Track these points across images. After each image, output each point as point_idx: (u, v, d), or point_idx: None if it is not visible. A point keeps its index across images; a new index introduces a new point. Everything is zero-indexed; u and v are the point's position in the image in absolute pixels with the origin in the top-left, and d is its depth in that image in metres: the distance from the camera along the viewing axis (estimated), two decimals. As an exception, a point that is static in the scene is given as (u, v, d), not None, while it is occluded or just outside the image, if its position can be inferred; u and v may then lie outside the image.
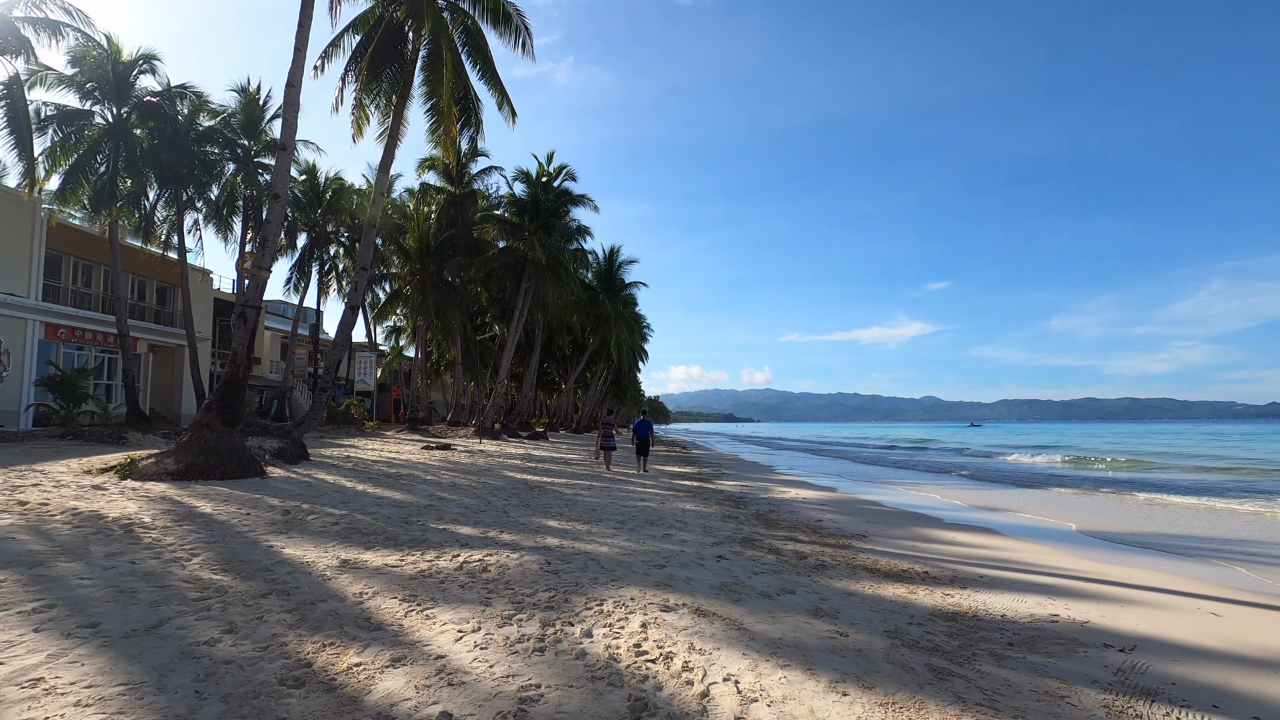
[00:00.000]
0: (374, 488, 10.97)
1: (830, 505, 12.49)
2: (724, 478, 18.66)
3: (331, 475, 12.15)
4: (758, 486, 16.02)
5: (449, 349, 39.19)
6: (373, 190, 15.69)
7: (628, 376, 73.28)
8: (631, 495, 12.38)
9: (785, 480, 18.77)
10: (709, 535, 8.28)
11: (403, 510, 8.89)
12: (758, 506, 11.84)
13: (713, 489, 14.96)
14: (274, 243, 12.06)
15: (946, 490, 16.99)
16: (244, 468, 11.13)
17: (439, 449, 22.96)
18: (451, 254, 35.00)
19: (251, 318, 11.81)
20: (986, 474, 23.11)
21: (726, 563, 6.56)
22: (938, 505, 13.38)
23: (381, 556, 6.04)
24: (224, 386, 11.53)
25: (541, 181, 33.77)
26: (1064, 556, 8.08)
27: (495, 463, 18.31)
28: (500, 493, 11.51)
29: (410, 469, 14.47)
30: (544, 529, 8.03)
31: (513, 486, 12.63)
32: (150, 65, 24.07)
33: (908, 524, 10.33)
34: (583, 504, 10.64)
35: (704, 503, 11.91)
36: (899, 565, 6.93)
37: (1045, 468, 26.42)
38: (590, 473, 17.21)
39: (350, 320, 15.31)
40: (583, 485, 13.62)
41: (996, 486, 18.49)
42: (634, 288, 46.51)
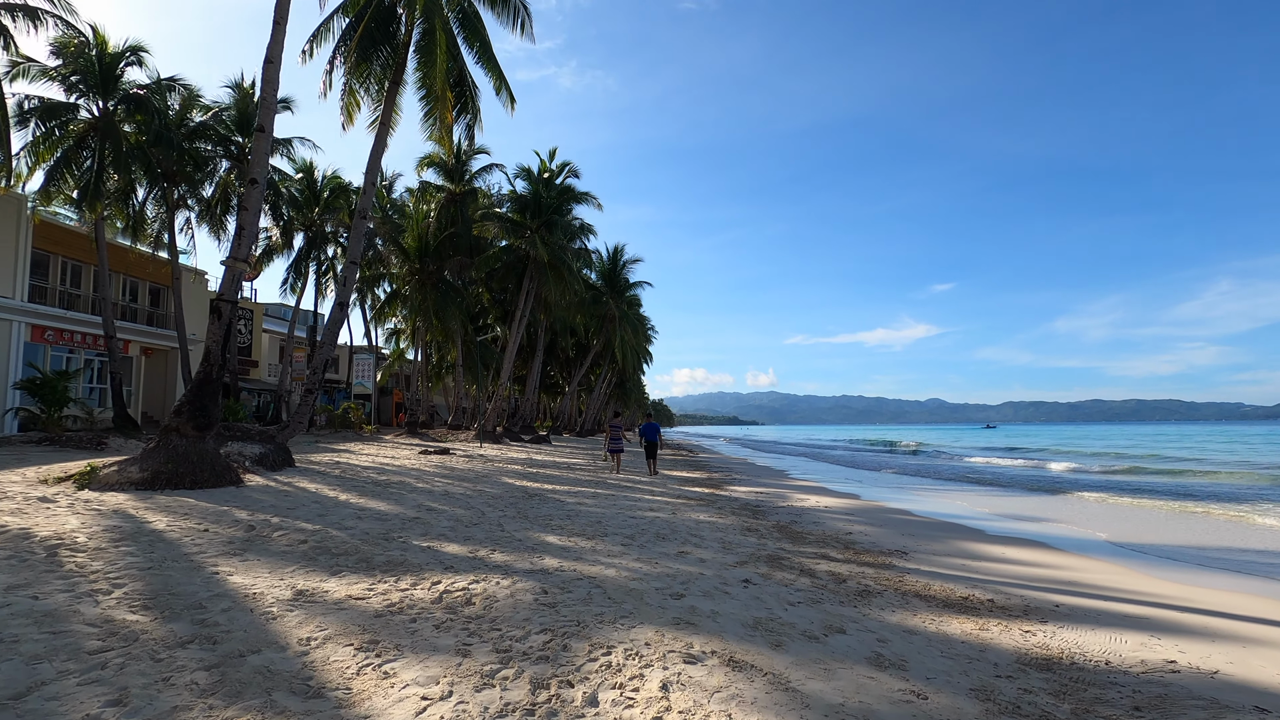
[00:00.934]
0: (358, 497, 10.02)
1: (857, 514, 11.48)
2: (736, 483, 17.66)
3: (314, 483, 11.20)
4: (774, 493, 15.01)
5: (450, 351, 38.29)
6: (365, 187, 14.76)
7: (632, 379, 72.31)
8: (639, 504, 11.40)
9: (802, 486, 17.74)
10: (730, 553, 7.29)
11: (385, 524, 7.93)
12: (778, 517, 10.83)
13: (726, 496, 13.97)
14: (251, 231, 11.15)
15: (975, 497, 15.95)
16: (217, 476, 10.19)
17: (437, 454, 22.05)
18: (451, 253, 34.09)
19: (226, 313, 10.88)
20: (1010, 479, 22.01)
21: (755, 589, 5.58)
22: (970, 514, 12.36)
23: (347, 584, 5.07)
24: (196, 387, 10.60)
25: (543, 178, 32.86)
26: (1136, 576, 7.07)
27: (494, 468, 17.35)
28: (496, 502, 10.54)
29: (402, 476, 13.52)
30: (542, 546, 7.06)
31: (511, 495, 11.66)
32: (138, 57, 23.24)
33: (946, 536, 9.32)
34: (586, 515, 9.66)
35: (719, 513, 10.92)
36: (956, 591, 5.93)
37: (1070, 475, 25.32)
38: (595, 479, 16.24)
39: (339, 318, 14.38)
40: (586, 493, 12.65)
41: (1023, 493, 17.45)
42: (638, 288, 45.57)
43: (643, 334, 55.78)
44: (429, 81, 15.01)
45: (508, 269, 34.96)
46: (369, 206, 14.92)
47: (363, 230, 14.74)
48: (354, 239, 14.69)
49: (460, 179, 36.00)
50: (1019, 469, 28.29)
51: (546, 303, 36.02)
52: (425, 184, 36.78)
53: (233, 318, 11.00)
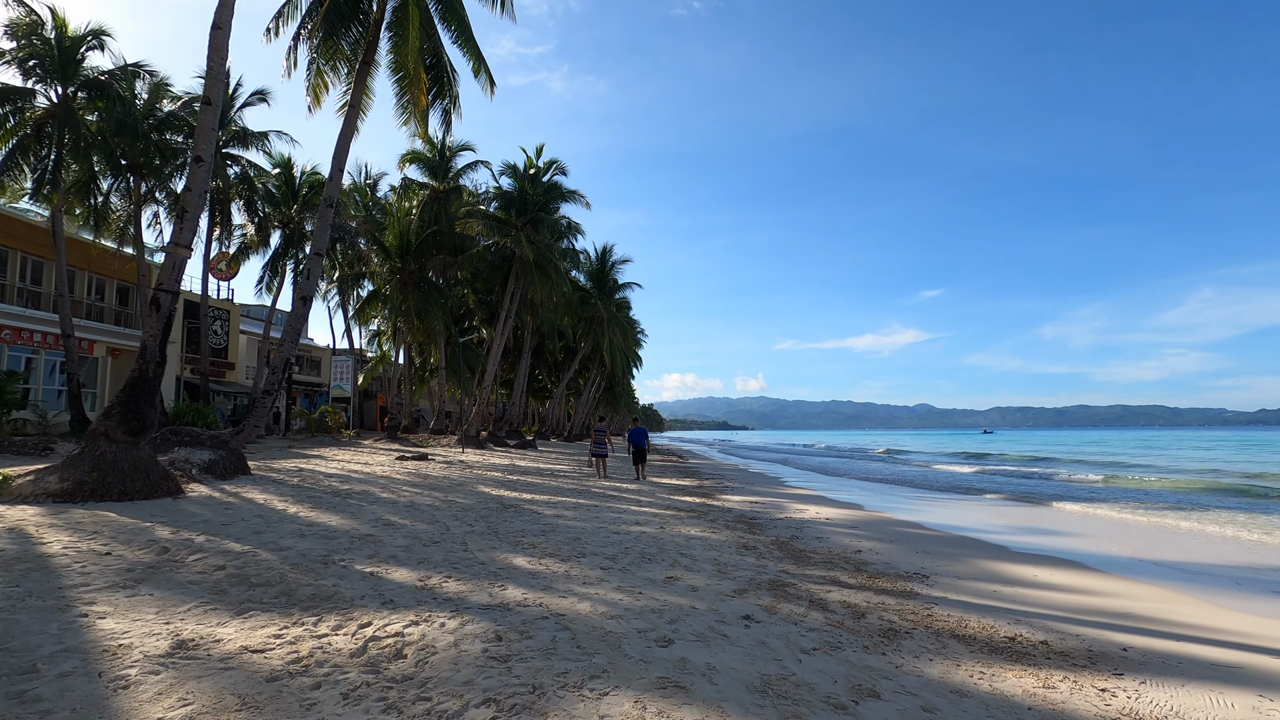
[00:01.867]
0: (309, 510, 8.94)
1: (862, 528, 10.52)
2: (729, 492, 16.67)
3: (265, 493, 10.12)
4: (770, 503, 14.03)
5: (432, 353, 37.12)
6: (332, 174, 13.70)
7: (621, 383, 71.27)
8: (624, 517, 10.38)
9: (799, 495, 16.77)
10: (725, 577, 6.30)
11: (329, 543, 6.88)
12: (776, 531, 9.85)
13: (718, 507, 12.97)
14: (195, 215, 10.07)
15: (984, 507, 15.05)
16: (151, 486, 9.09)
17: (414, 460, 20.94)
18: (434, 252, 32.99)
19: (166, 304, 9.80)
20: (1017, 488, 21.13)
21: (758, 629, 4.59)
22: (985, 527, 11.41)
23: (249, 629, 4.04)
24: (129, 387, 9.49)
25: (529, 174, 31.84)
26: (1196, 604, 6.14)
27: (472, 475, 16.28)
28: (466, 515, 9.50)
29: (369, 484, 12.44)
30: (507, 571, 6.03)
31: (484, 506, 10.61)
32: (100, 41, 22.05)
33: (967, 554, 8.36)
34: (564, 530, 8.64)
35: (711, 526, 9.93)
36: (999, 629, 4.96)
37: (1072, 484, 24.54)
38: (578, 486, 15.21)
39: (301, 313, 13.29)
40: (568, 503, 11.61)
41: (1032, 503, 16.57)
42: (627, 289, 44.57)
43: (632, 337, 54.80)
44: (401, 60, 13.99)
45: (492, 268, 33.87)
46: (336, 194, 13.86)
47: (329, 220, 13.68)
48: (319, 229, 13.62)
49: (444, 176, 34.93)
50: (1020, 475, 27.48)
51: (533, 304, 34.96)
52: (408, 181, 35.69)
53: (173, 309, 9.91)
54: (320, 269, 13.62)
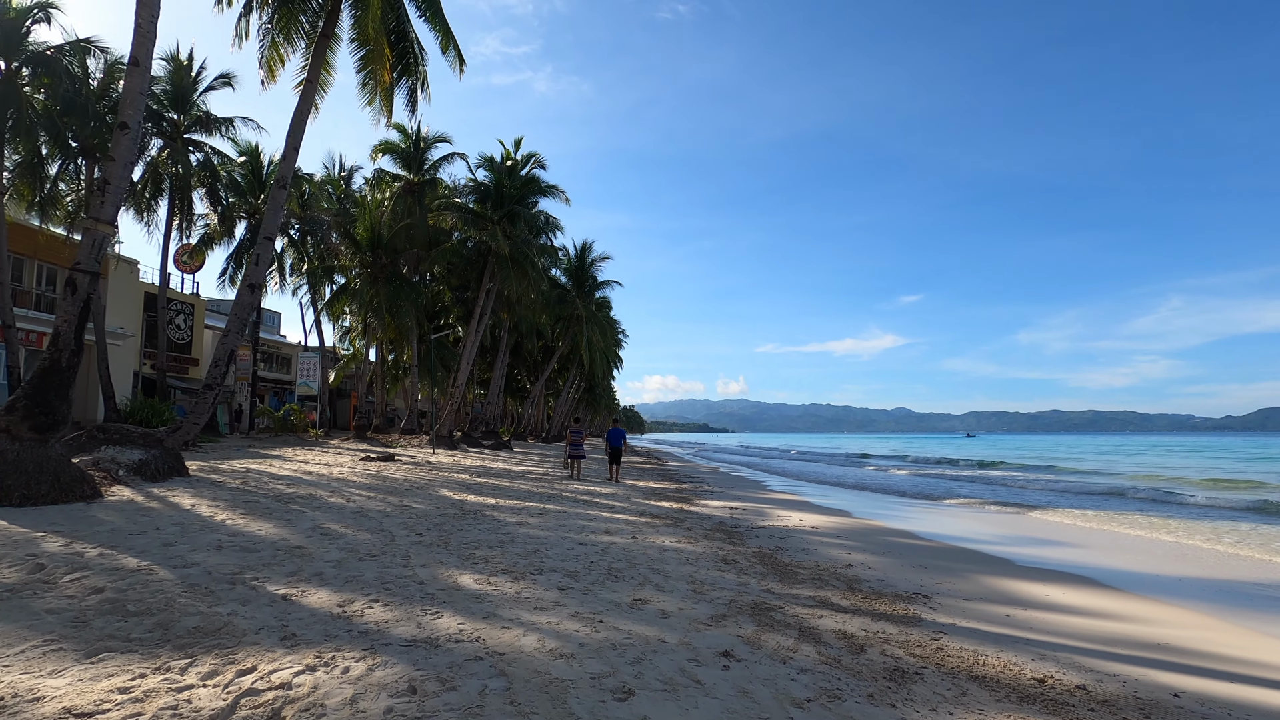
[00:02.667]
0: (240, 517, 7.99)
1: (851, 538, 9.76)
2: (708, 496, 15.87)
3: (196, 498, 9.12)
4: (751, 509, 13.26)
5: (405, 350, 35.93)
6: (286, 152, 12.71)
7: (601, 384, 70.37)
8: (594, 525, 9.54)
9: (782, 500, 16.02)
10: (702, 599, 5.49)
11: (248, 557, 5.95)
12: (759, 541, 9.06)
13: (696, 513, 12.17)
14: (118, 187, 9.05)
15: (979, 516, 14.39)
16: (61, 489, 8.08)
17: (380, 461, 19.91)
18: (407, 245, 31.87)
19: (83, 287, 8.77)
20: (1008, 494, 20.52)
21: (741, 670, 3.78)
22: (980, 536, 10.71)
23: (90, 679, 3.14)
24: (37, 379, 8.46)
25: (506, 166, 30.87)
26: (1237, 631, 5.45)
27: (437, 478, 15.33)
28: (418, 523, 8.59)
29: (319, 487, 11.46)
30: (447, 593, 5.17)
31: (440, 512, 9.71)
32: (46, 14, 20.74)
33: (968, 569, 7.63)
34: (524, 540, 7.78)
35: (688, 535, 9.12)
36: (1023, 666, 4.19)
37: (1071, 492, 24.13)
38: (549, 490, 14.32)
39: (248, 302, 12.26)
40: (534, 509, 10.74)
41: (1022, 508, 16.01)
42: (607, 287, 43.70)
43: (612, 337, 53.95)
44: (363, 33, 13.06)
45: (467, 264, 32.86)
46: (289, 175, 12.86)
47: (281, 202, 12.68)
48: (270, 211, 12.61)
49: (419, 168, 33.81)
50: (1008, 481, 27.04)
51: (509, 301, 33.95)
52: (380, 172, 34.49)
53: (91, 291, 8.89)
54: (271, 255, 12.63)
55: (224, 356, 11.79)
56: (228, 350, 11.86)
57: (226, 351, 11.85)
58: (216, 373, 11.74)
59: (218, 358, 11.78)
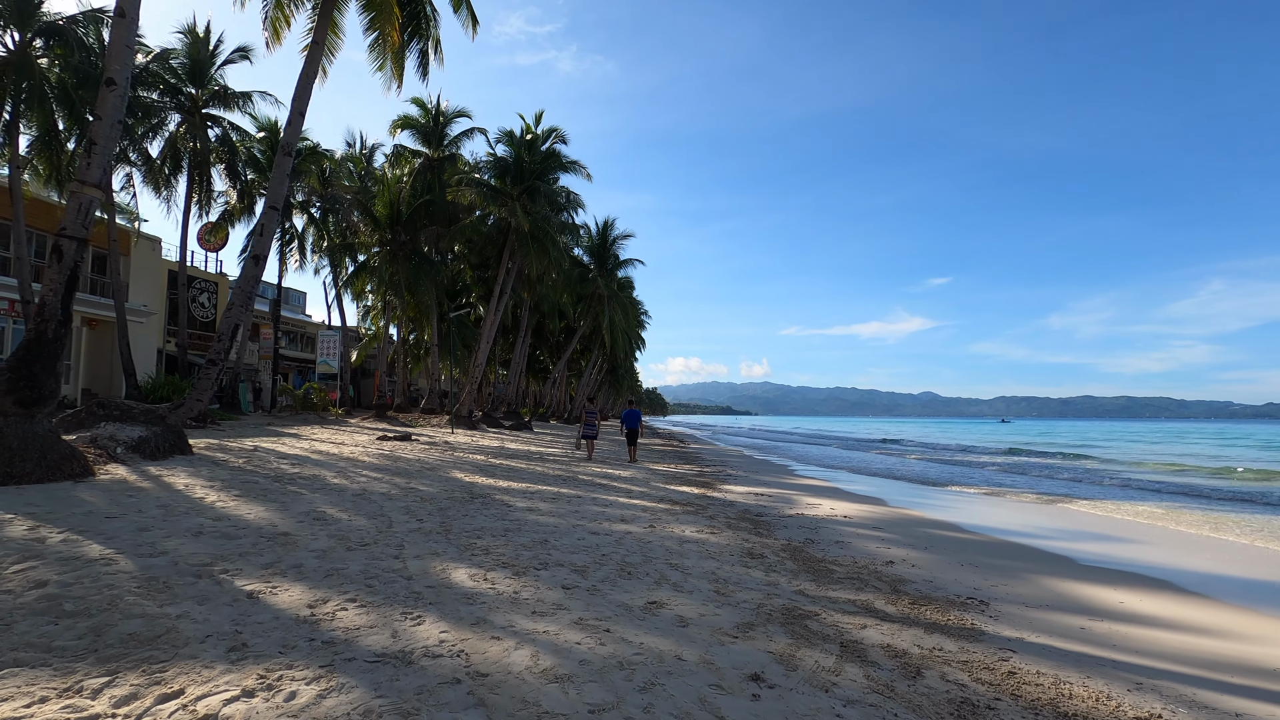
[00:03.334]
0: (232, 499, 7.49)
1: (888, 529, 9.00)
2: (731, 481, 15.17)
3: (191, 478, 8.67)
4: (777, 496, 12.52)
5: (425, 328, 35.61)
6: (291, 117, 12.12)
7: (624, 365, 69.83)
8: (609, 511, 8.90)
9: (810, 486, 15.24)
10: (726, 602, 4.81)
11: (226, 545, 5.41)
12: (788, 532, 8.34)
13: (719, 499, 11.48)
14: (105, 147, 8.52)
15: (1026, 507, 13.46)
16: (48, 467, 7.66)
17: (396, 440, 19.58)
18: (426, 222, 31.36)
19: (70, 253, 8.29)
20: (1052, 484, 19.41)
21: (774, 701, 3.10)
22: (1034, 530, 9.79)
23: (-25, 707, 2.57)
24: (22, 350, 8.02)
25: (526, 140, 30.06)
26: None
27: (451, 458, 14.85)
28: (421, 507, 8.03)
29: (324, 468, 10.99)
30: (436, 592, 4.55)
31: (447, 496, 9.15)
32: (59, -17, 20.39)
33: (1025, 569, 6.83)
34: (532, 528, 7.16)
35: (710, 524, 8.43)
36: (1120, 700, 3.45)
37: (1121, 480, 22.97)
38: (565, 473, 13.74)
39: (252, 274, 11.77)
40: (547, 494, 10.14)
41: (1077, 501, 15.05)
42: (630, 266, 42.82)
43: (634, 317, 53.19)
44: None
45: (487, 241, 32.25)
46: (295, 141, 12.28)
47: (286, 170, 12.11)
48: (275, 180, 12.06)
49: (438, 143, 33.22)
50: (1049, 468, 25.85)
51: (530, 279, 33.36)
52: (400, 148, 33.97)
53: (80, 259, 8.40)
54: (276, 224, 12.09)
55: (229, 331, 11.34)
56: (232, 325, 11.40)
57: (231, 326, 11.38)
58: (221, 348, 11.29)
59: (222, 332, 11.33)
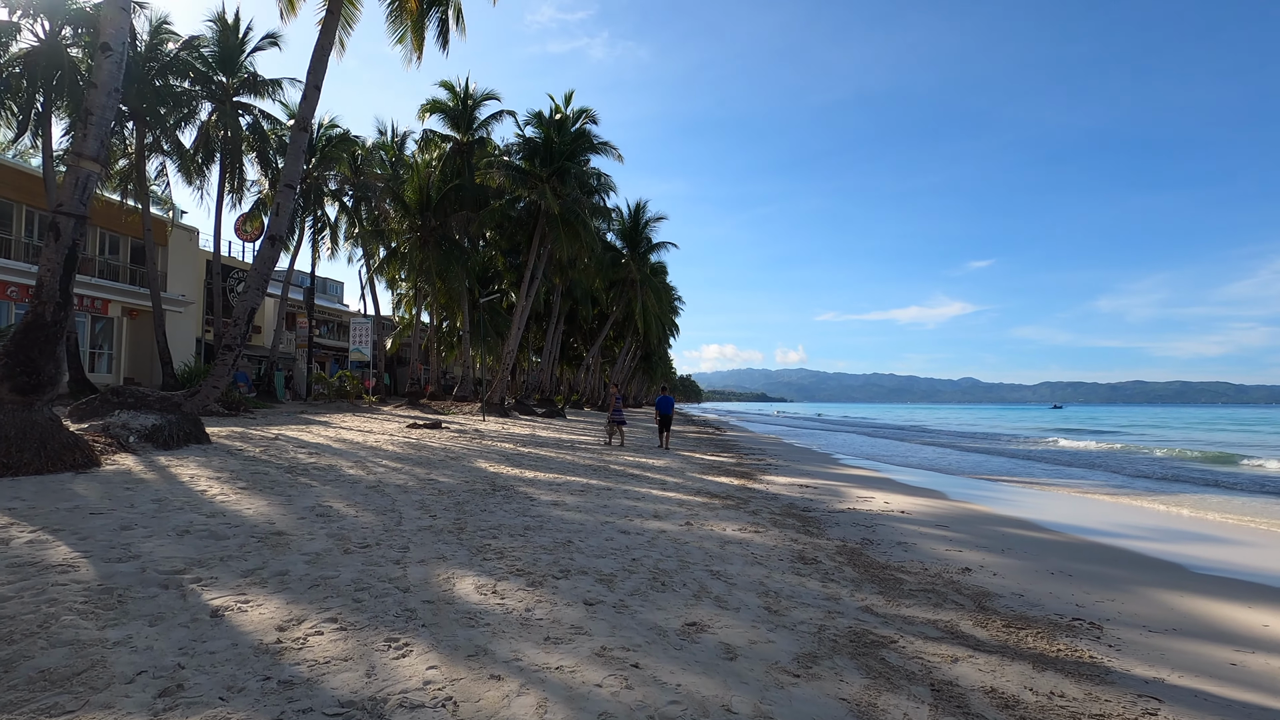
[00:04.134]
0: (235, 493, 6.94)
1: (954, 526, 8.03)
2: (772, 471, 14.26)
3: (200, 468, 8.18)
4: (824, 487, 11.59)
5: (456, 315, 35.31)
6: (306, 91, 11.55)
7: (657, 352, 69.03)
8: (641, 505, 8.13)
9: (858, 477, 14.24)
10: (779, 623, 3.99)
11: (209, 547, 4.80)
12: (841, 530, 7.45)
13: (761, 492, 10.62)
14: (103, 118, 7.99)
15: (1105, 501, 12.27)
16: (49, 457, 7.22)
17: (426, 428, 19.17)
18: (456, 207, 30.89)
19: (68, 231, 7.80)
20: (1125, 475, 17.85)
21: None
22: (1124, 529, 8.63)
23: None
24: (19, 335, 7.56)
25: (555, 120, 29.26)
26: None
27: (479, 447, 14.28)
28: (436, 502, 7.38)
29: (344, 457, 10.47)
30: (434, 608, 3.83)
31: (468, 487, 8.50)
32: (87, -30, 20.27)
33: (1128, 578, 5.81)
34: (555, 526, 6.43)
35: (754, 521, 7.59)
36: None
37: (1205, 471, 21.30)
38: (596, 462, 13.03)
39: (269, 255, 11.26)
40: (575, 485, 9.42)
41: (1137, 486, 13.76)
42: (662, 249, 41.77)
43: (668, 303, 52.22)
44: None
45: (517, 225, 31.65)
46: (310, 116, 11.71)
47: (302, 146, 11.57)
48: (290, 157, 11.53)
49: (467, 127, 32.67)
50: (1109, 457, 24.22)
51: (561, 264, 32.72)
52: (429, 133, 33.53)
53: (78, 237, 7.91)
54: (291, 203, 11.55)
55: (244, 315, 10.86)
56: (248, 309, 10.91)
57: (247, 310, 10.90)
58: (236, 332, 10.83)
59: (237, 317, 10.85)
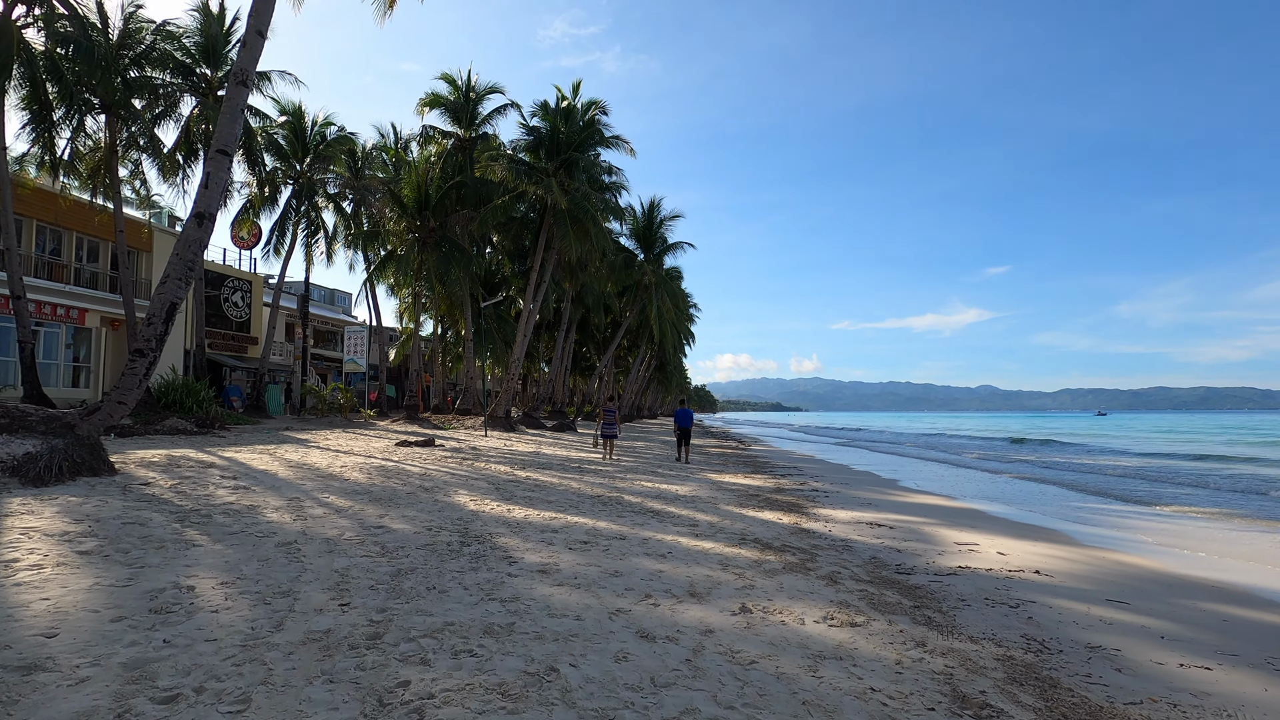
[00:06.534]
0: (65, 564, 4.58)
1: (1136, 599, 5.46)
2: (823, 500, 11.66)
3: (54, 517, 5.85)
4: (902, 526, 9.00)
5: (460, 323, 33.09)
6: (246, 36, 9.35)
7: (672, 361, 66.55)
8: (666, 572, 5.62)
9: (933, 508, 11.56)
10: None
11: None
12: (980, 618, 4.91)
13: (823, 535, 8.08)
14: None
15: (1270, 537, 9.65)
16: None
17: (418, 445, 16.94)
18: (457, 207, 28.75)
19: None
20: (1256, 501, 14.72)
21: None
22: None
23: None
24: None
25: (562, 109, 27.03)
26: None
27: (469, 471, 11.90)
28: (369, 571, 4.95)
29: (279, 491, 8.10)
30: None
31: (428, 540, 6.08)
32: (43, -56, 18.41)
33: None
34: (536, 624, 3.97)
35: (838, 597, 5.09)
36: None
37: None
38: (607, 490, 10.55)
39: (196, 237, 8.98)
40: (576, 531, 6.97)
41: None
42: (678, 250, 39.29)
43: (684, 309, 49.79)
44: None
45: (523, 225, 29.44)
46: (251, 69, 9.49)
47: (239, 104, 9.33)
48: (224, 117, 9.28)
49: (469, 122, 30.54)
50: (1204, 472, 21.18)
51: (570, 267, 30.44)
52: (429, 129, 31.46)
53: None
54: (225, 174, 9.29)
55: (161, 311, 8.56)
56: (167, 303, 8.62)
57: (165, 305, 8.61)
58: (151, 332, 8.54)
59: (153, 312, 8.57)
